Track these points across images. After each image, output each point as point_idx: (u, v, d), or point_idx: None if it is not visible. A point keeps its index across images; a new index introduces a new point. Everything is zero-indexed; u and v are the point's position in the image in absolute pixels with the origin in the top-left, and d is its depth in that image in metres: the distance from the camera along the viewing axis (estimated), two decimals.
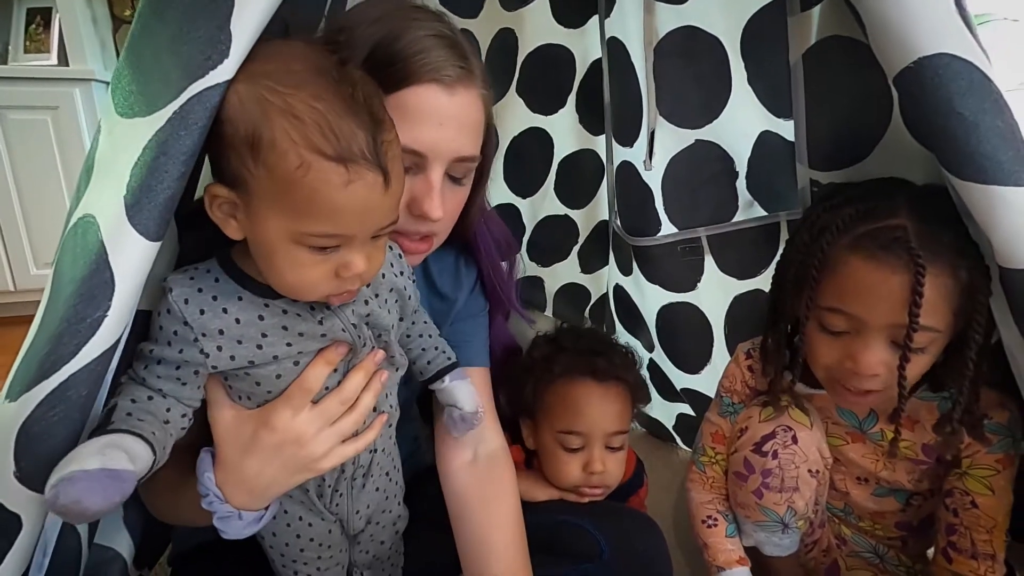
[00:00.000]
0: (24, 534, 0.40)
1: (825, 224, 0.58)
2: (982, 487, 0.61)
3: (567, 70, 1.02)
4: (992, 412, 0.61)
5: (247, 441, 0.47)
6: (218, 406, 0.48)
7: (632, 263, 0.96)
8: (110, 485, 0.36)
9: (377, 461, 0.57)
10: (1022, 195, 0.45)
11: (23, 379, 0.39)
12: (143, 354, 0.45)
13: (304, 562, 0.56)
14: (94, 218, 0.39)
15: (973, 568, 0.60)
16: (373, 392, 0.51)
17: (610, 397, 0.75)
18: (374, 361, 0.51)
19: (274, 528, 0.54)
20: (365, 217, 0.41)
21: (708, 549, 0.73)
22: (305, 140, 0.38)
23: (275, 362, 0.46)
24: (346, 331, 0.48)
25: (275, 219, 0.40)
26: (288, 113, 0.38)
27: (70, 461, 0.36)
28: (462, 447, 0.67)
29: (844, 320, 0.58)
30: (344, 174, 0.39)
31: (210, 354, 0.44)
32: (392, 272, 0.54)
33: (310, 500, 0.54)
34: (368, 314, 0.50)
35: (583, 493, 0.75)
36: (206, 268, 0.46)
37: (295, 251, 0.41)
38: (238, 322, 0.45)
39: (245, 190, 0.40)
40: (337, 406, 0.49)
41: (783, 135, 0.77)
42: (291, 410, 0.47)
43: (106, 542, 0.59)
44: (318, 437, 0.48)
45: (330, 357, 0.48)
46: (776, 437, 0.67)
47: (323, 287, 0.43)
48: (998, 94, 0.45)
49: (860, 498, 0.73)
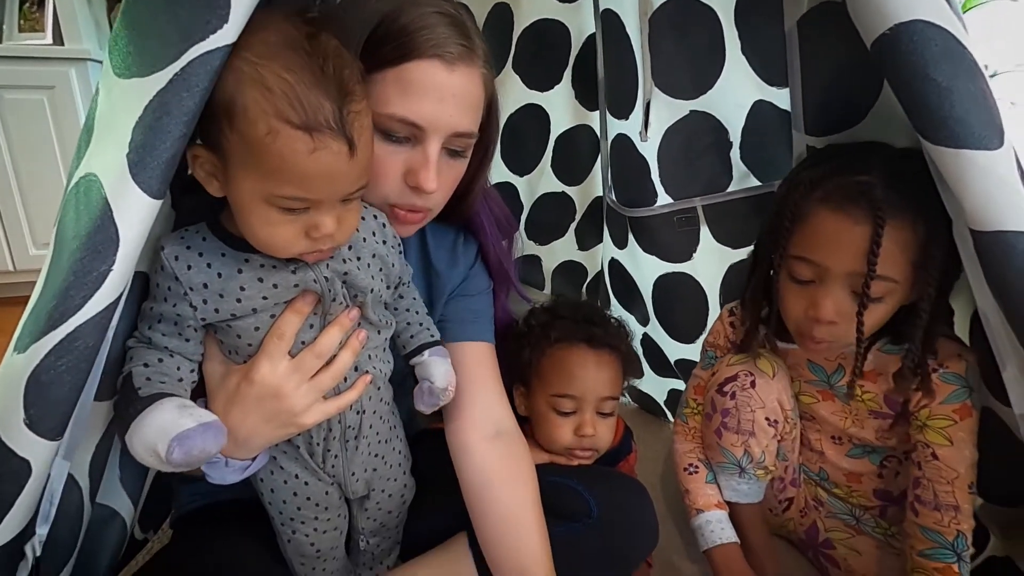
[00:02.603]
0: (33, 479, 0.42)
1: (801, 179, 0.61)
2: (941, 438, 0.64)
3: (562, 45, 1.03)
4: (949, 362, 0.63)
5: (231, 393, 0.50)
6: (209, 359, 0.51)
7: (628, 235, 0.98)
8: (216, 432, 0.43)
9: (369, 423, 0.59)
10: (993, 159, 0.46)
11: (31, 331, 0.41)
12: (145, 313, 0.48)
13: (302, 521, 0.58)
14: (96, 176, 0.40)
15: (937, 520, 0.63)
16: (351, 350, 0.53)
17: (603, 364, 0.78)
18: (349, 318, 0.53)
19: (272, 484, 0.57)
20: (331, 183, 0.44)
21: (688, 494, 0.77)
22: (274, 109, 0.40)
23: (253, 315, 0.49)
24: (318, 282, 0.50)
25: (247, 180, 0.43)
26: (259, 83, 0.40)
27: (163, 428, 0.41)
28: (477, 425, 0.66)
29: (810, 269, 0.61)
30: (309, 142, 0.41)
31: (198, 307, 0.47)
32: (375, 239, 0.55)
33: (303, 458, 0.56)
34: (346, 272, 0.52)
35: (573, 456, 0.77)
36: (195, 229, 0.49)
37: (266, 211, 0.44)
38: (220, 276, 0.47)
39: (222, 153, 0.43)
40: (313, 360, 0.51)
41: (777, 104, 0.79)
42: (269, 362, 0.50)
43: (106, 501, 0.61)
44: (297, 392, 0.50)
45: (298, 306, 0.50)
46: (737, 380, 0.71)
47: (295, 245, 0.46)
48: (972, 60, 0.46)
49: (835, 458, 0.76)
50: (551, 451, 0.78)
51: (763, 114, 0.80)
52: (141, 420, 0.43)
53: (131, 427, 0.43)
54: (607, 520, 0.67)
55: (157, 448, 0.41)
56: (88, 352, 0.41)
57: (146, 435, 0.42)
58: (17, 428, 0.40)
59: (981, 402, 0.64)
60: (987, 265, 0.50)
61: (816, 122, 0.68)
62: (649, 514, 0.70)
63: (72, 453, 0.48)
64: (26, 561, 0.46)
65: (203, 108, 0.41)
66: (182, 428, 0.41)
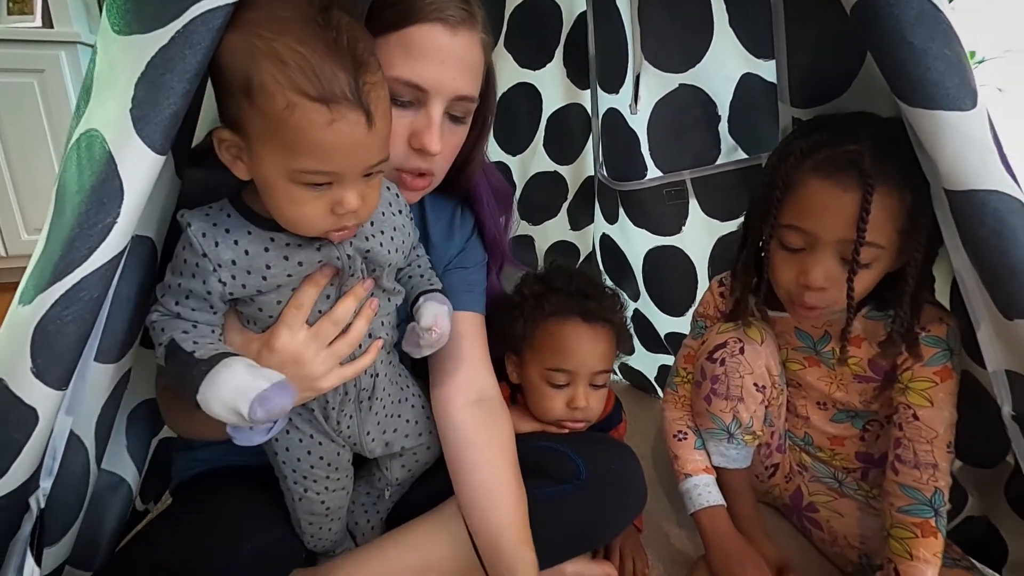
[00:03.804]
0: (39, 428, 0.43)
1: (791, 149, 0.63)
2: (922, 399, 0.66)
3: (554, 23, 1.03)
4: (931, 326, 0.65)
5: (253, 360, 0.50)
6: (229, 330, 0.53)
7: (618, 210, 0.99)
8: (288, 390, 0.45)
9: (382, 386, 0.61)
10: (965, 119, 0.48)
11: (36, 283, 0.42)
12: (172, 288, 0.49)
13: (313, 479, 0.61)
14: (98, 131, 0.41)
15: (916, 477, 0.65)
16: (365, 318, 0.55)
17: (598, 338, 0.78)
18: (364, 288, 0.54)
19: (287, 444, 0.59)
20: (351, 154, 0.44)
21: (677, 460, 0.79)
22: (290, 82, 0.41)
23: (277, 290, 0.50)
24: (340, 259, 0.51)
25: (270, 158, 0.43)
26: (274, 57, 0.41)
27: (242, 389, 0.44)
28: (461, 390, 0.68)
29: (800, 237, 0.63)
30: (327, 113, 0.41)
31: (227, 283, 0.48)
32: (392, 210, 0.57)
33: (317, 421, 0.58)
34: (368, 250, 0.53)
35: (564, 426, 0.79)
36: (219, 207, 0.49)
37: (291, 188, 0.44)
38: (247, 253, 0.48)
39: (244, 132, 0.44)
40: (330, 327, 0.53)
41: (764, 76, 0.80)
42: (288, 331, 0.51)
43: (113, 468, 0.62)
44: (316, 358, 0.52)
45: (316, 279, 0.52)
46: (726, 347, 0.73)
47: (321, 223, 0.47)
48: (947, 24, 0.48)
49: (820, 423, 0.79)
50: (543, 421, 0.80)
51: (751, 87, 0.81)
52: (212, 380, 0.44)
53: (202, 387, 0.44)
54: (596, 482, 0.68)
55: (239, 407, 0.43)
56: (92, 304, 0.42)
57: (224, 395, 0.44)
58: (24, 377, 0.41)
59: (961, 366, 0.67)
60: (961, 224, 0.52)
61: (802, 94, 0.69)
62: (637, 476, 0.72)
63: (74, 409, 0.49)
64: (31, 514, 0.47)
65: (219, 91, 0.42)
66: (260, 389, 0.44)
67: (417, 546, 0.67)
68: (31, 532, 0.46)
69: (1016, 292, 0.50)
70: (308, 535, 0.64)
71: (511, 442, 0.68)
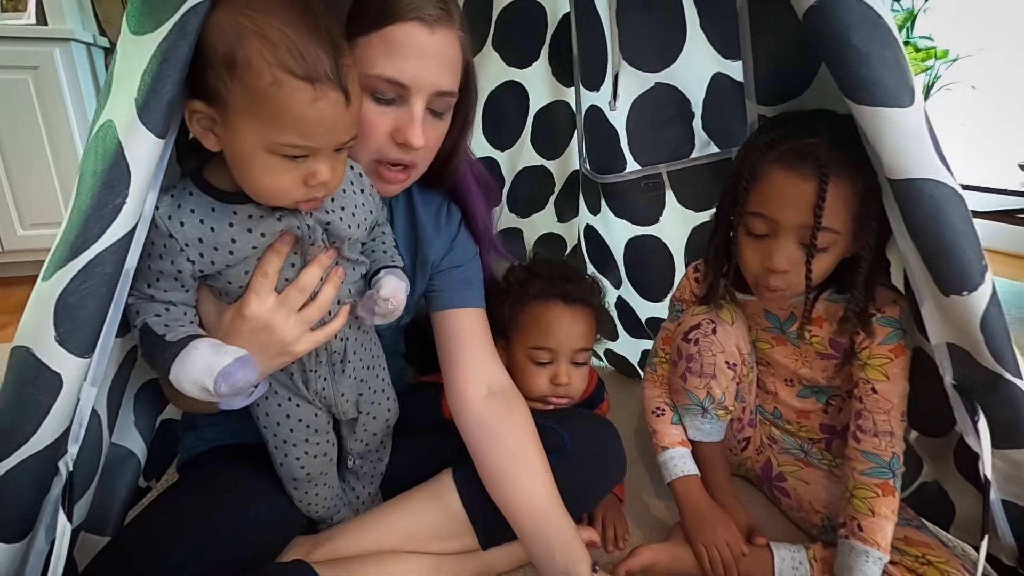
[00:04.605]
0: (64, 393, 0.47)
1: (756, 143, 0.68)
2: (879, 374, 0.72)
3: (539, 24, 1.07)
4: (886, 307, 0.71)
5: (227, 328, 0.55)
6: (203, 302, 0.56)
7: (600, 202, 1.04)
8: (250, 364, 0.49)
9: (352, 349, 0.64)
10: (905, 115, 0.53)
11: (56, 261, 0.46)
12: (143, 271, 0.51)
13: (294, 443, 0.64)
14: (112, 122, 0.45)
15: (876, 444, 0.71)
16: (332, 285, 0.58)
17: (577, 318, 0.84)
18: (328, 256, 0.57)
19: (267, 408, 0.63)
20: (329, 130, 0.48)
21: (656, 434, 0.84)
22: (277, 60, 0.44)
23: (243, 262, 0.54)
24: (300, 229, 0.54)
25: (250, 130, 0.46)
26: (261, 36, 0.44)
27: (207, 367, 0.47)
28: (472, 386, 0.71)
29: (764, 223, 0.68)
30: (311, 91, 0.45)
31: (195, 261, 0.51)
32: (353, 188, 0.60)
33: (295, 385, 0.62)
34: (328, 223, 0.56)
35: (549, 402, 0.84)
36: (182, 186, 0.52)
37: (269, 159, 0.47)
38: (212, 230, 0.51)
39: (223, 104, 0.46)
40: (296, 294, 0.56)
41: (733, 76, 0.85)
42: (257, 298, 0.54)
43: (122, 442, 0.66)
44: (286, 323, 0.55)
45: (277, 247, 0.54)
46: (700, 328, 0.78)
47: (293, 193, 0.50)
48: (887, 28, 0.53)
49: (787, 398, 0.84)
50: (529, 398, 0.84)
51: (721, 85, 0.86)
52: (182, 361, 0.48)
53: (173, 368, 0.48)
54: (580, 453, 0.73)
55: (205, 384, 0.47)
56: (108, 278, 0.46)
57: (192, 373, 0.47)
58: (49, 344, 0.45)
59: (913, 343, 0.72)
60: (903, 210, 0.57)
61: (766, 92, 0.74)
62: (617, 448, 0.77)
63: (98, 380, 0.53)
64: (60, 477, 0.50)
65: (198, 64, 0.44)
66: (223, 364, 0.47)
67: (412, 514, 0.72)
68: (61, 492, 0.50)
69: (950, 271, 0.55)
70: (297, 500, 0.68)
71: (529, 422, 0.71)
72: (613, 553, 0.81)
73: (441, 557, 0.72)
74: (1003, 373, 0.58)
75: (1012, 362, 0.58)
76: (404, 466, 0.77)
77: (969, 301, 0.56)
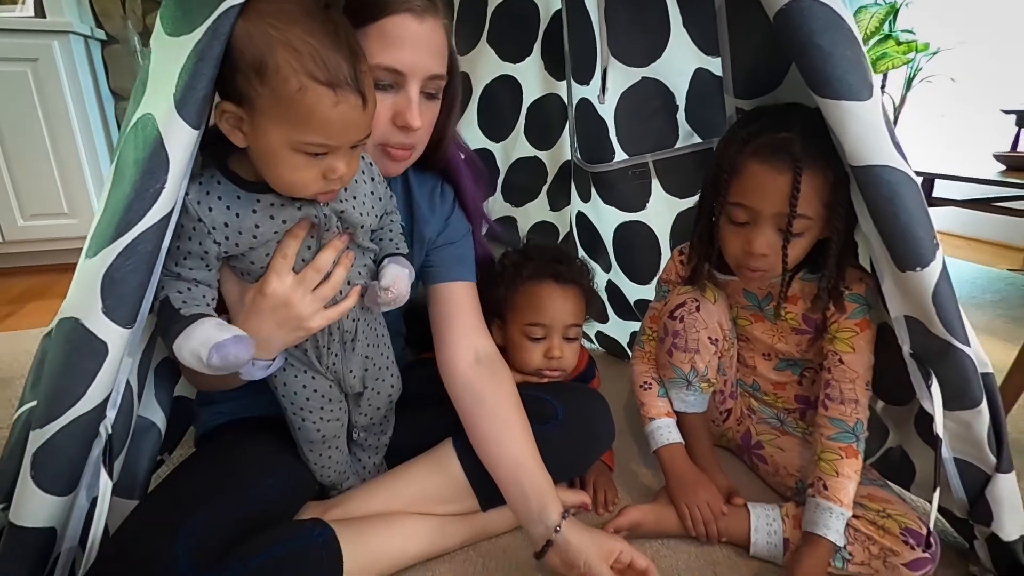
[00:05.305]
0: (108, 360, 0.52)
1: (735, 137, 0.73)
2: (846, 347, 0.78)
3: (532, 20, 1.12)
4: (853, 285, 0.77)
5: (249, 306, 0.60)
6: (225, 282, 0.61)
7: (591, 189, 1.09)
8: (245, 343, 0.53)
9: (361, 330, 0.70)
10: (864, 108, 0.58)
11: (100, 240, 0.51)
12: (172, 251, 0.57)
13: (309, 411, 0.70)
14: (152, 115, 0.50)
15: (842, 411, 0.77)
16: (344, 267, 0.63)
17: (568, 296, 0.91)
18: (340, 240, 0.63)
19: (285, 379, 0.68)
20: (348, 130, 0.53)
21: (643, 407, 0.90)
22: (303, 68, 0.49)
23: (265, 245, 0.59)
24: (317, 216, 0.60)
25: (277, 130, 0.51)
26: (288, 45, 0.48)
27: (206, 339, 0.52)
28: (461, 353, 0.77)
29: (745, 212, 0.74)
30: (333, 96, 0.50)
31: (221, 243, 0.57)
32: (364, 178, 0.66)
33: (309, 360, 0.68)
34: (342, 211, 0.62)
35: (544, 375, 0.90)
36: (210, 175, 0.57)
37: (292, 156, 0.52)
38: (238, 216, 0.56)
39: (251, 106, 0.50)
40: (313, 274, 0.61)
41: (713, 71, 0.90)
42: (277, 277, 0.59)
43: (144, 414, 0.71)
44: (303, 301, 0.60)
45: (295, 231, 0.60)
46: (685, 306, 0.85)
47: (313, 186, 0.55)
48: (848, 29, 0.58)
49: (765, 371, 0.91)
50: (524, 373, 0.91)
51: (703, 80, 0.92)
52: (188, 333, 0.53)
53: (178, 338, 0.53)
54: (571, 421, 0.80)
55: (200, 354, 0.52)
56: (149, 256, 0.51)
57: (192, 345, 0.52)
58: (96, 315, 0.50)
59: (879, 318, 0.79)
60: (864, 194, 0.62)
61: (743, 86, 0.80)
62: (606, 417, 0.83)
63: (133, 352, 0.58)
64: (100, 439, 0.56)
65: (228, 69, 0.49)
66: (220, 339, 0.52)
67: (415, 480, 0.78)
68: (102, 452, 0.55)
69: (906, 249, 0.61)
70: (312, 463, 0.74)
71: (513, 388, 0.77)
72: (603, 515, 0.87)
73: (444, 518, 0.77)
74: (952, 341, 0.64)
75: (961, 331, 0.64)
76: (407, 438, 0.83)
77: (922, 276, 0.62)
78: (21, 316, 1.71)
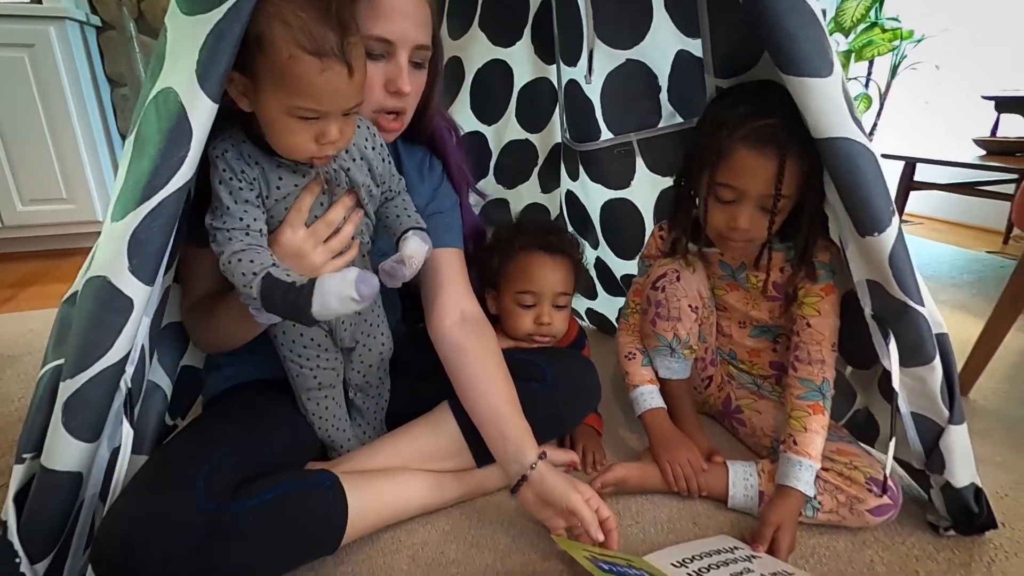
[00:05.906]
0: (133, 315, 0.57)
1: (722, 121, 0.78)
2: (813, 311, 0.84)
3: (522, 5, 1.16)
4: (819, 253, 0.83)
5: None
6: None
7: (579, 168, 1.14)
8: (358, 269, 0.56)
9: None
10: (825, 83, 0.62)
11: (125, 204, 0.55)
12: (232, 211, 0.61)
13: (307, 358, 0.76)
14: (173, 88, 0.54)
15: (809, 371, 0.83)
16: (352, 223, 0.70)
17: (558, 266, 0.96)
18: (350, 198, 0.70)
19: (284, 327, 0.74)
20: (336, 97, 0.58)
21: (628, 375, 0.96)
22: (293, 39, 0.54)
23: (284, 200, 0.66)
24: (329, 172, 0.67)
25: (274, 96, 0.57)
26: (281, 19, 0.54)
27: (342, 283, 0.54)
28: (447, 313, 0.81)
29: (732, 192, 0.79)
30: (319, 64, 0.55)
31: (259, 191, 0.63)
32: (365, 144, 0.71)
33: None
34: (348, 168, 0.69)
35: (534, 341, 0.96)
36: (238, 137, 0.63)
37: (288, 120, 0.58)
38: (263, 171, 0.63)
39: (253, 75, 0.57)
40: (324, 228, 0.68)
41: (694, 52, 0.95)
42: (291, 229, 0.66)
43: (152, 378, 0.75)
44: (315, 251, 0.67)
45: (311, 187, 0.67)
46: (666, 276, 0.90)
47: (307, 148, 0.60)
48: (811, 11, 0.62)
49: (740, 339, 0.97)
50: (516, 339, 0.97)
51: (684, 62, 0.96)
52: (319, 292, 0.55)
53: (314, 300, 0.55)
54: (559, 383, 0.85)
55: (350, 294, 0.54)
56: (171, 219, 0.56)
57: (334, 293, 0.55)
58: (123, 273, 0.55)
59: (844, 286, 0.84)
60: (827, 164, 0.67)
61: (722, 66, 0.84)
62: (592, 378, 0.89)
63: (149, 310, 0.63)
64: (120, 392, 0.60)
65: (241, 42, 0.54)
66: (353, 276, 0.55)
67: (415, 439, 0.83)
68: (123, 404, 0.60)
69: (864, 215, 0.66)
70: (311, 412, 0.79)
71: (496, 346, 0.83)
72: (591, 474, 0.93)
73: (442, 475, 0.83)
74: (908, 302, 0.70)
75: (916, 293, 0.70)
76: (406, 404, 0.88)
77: (879, 241, 0.67)
78: (21, 300, 1.74)
